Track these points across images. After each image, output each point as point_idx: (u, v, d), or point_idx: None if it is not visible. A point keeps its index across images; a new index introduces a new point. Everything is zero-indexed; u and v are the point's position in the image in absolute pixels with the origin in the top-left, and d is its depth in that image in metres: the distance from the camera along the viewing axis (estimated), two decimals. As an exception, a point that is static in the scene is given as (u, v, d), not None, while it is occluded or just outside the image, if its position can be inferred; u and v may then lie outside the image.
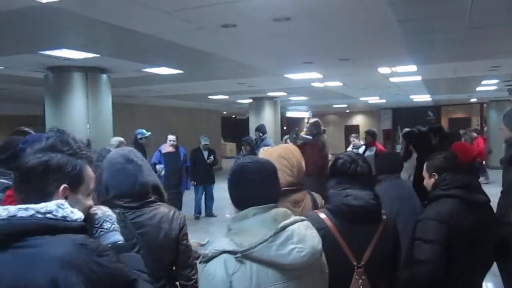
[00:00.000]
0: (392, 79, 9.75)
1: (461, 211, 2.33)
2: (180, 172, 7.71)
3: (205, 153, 8.69)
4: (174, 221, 2.15)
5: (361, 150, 7.40)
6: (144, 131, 7.30)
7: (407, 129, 7.00)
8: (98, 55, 6.11)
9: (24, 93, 10.20)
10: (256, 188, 1.60)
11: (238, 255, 1.42)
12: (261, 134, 8.52)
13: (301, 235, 1.50)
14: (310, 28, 4.71)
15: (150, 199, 2.17)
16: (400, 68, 8.04)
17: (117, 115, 14.42)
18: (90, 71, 7.05)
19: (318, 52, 6.17)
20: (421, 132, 5.75)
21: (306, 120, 28.04)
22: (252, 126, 13.98)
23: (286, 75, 8.58)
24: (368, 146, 7.61)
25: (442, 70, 8.69)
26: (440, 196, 2.43)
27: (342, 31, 5.00)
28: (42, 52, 5.78)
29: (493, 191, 3.59)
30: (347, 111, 25.41)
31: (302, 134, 14.27)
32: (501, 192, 3.44)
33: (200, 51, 5.88)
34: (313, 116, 26.16)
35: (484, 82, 10.92)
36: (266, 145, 8.17)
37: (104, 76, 7.35)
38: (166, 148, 7.72)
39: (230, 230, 1.56)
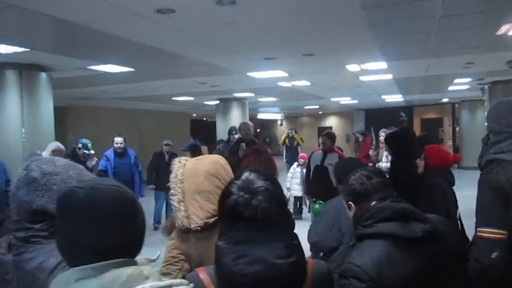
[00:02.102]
0: (363, 78, 9.26)
1: (395, 257, 1.61)
2: (132, 178, 7.01)
3: (167, 157, 8.02)
4: (56, 272, 1.51)
5: (317, 158, 5.98)
6: (87, 144, 6.56)
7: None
8: (28, 49, 5.36)
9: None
10: (85, 232, 0.99)
11: None
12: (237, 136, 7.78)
13: None
14: (261, 14, 4.09)
15: (39, 232, 1.53)
16: (369, 66, 7.52)
17: (77, 118, 13.75)
18: (25, 69, 6.26)
19: (278, 46, 5.56)
20: (392, 133, 5.23)
21: (279, 122, 27.64)
22: (220, 128, 13.36)
23: (249, 74, 7.96)
24: (327, 152, 5.89)
25: (414, 68, 8.23)
26: (363, 236, 1.72)
27: (299, 20, 4.40)
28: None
29: (465, 193, 3.06)
30: (320, 112, 25.04)
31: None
32: None
33: (145, 45, 5.21)
34: (285, 117, 25.70)
35: (456, 81, 10.57)
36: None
37: (43, 74, 6.56)
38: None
39: None
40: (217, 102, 13.57)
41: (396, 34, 5.05)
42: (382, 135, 6.95)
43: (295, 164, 8.76)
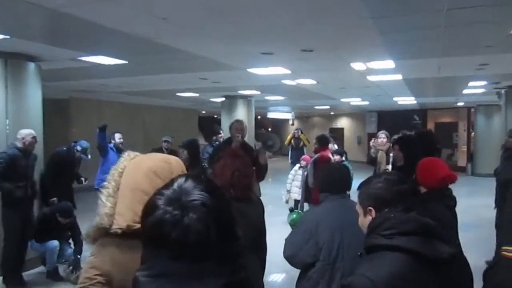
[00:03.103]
0: (370, 78, 8.82)
1: (412, 276, 1.40)
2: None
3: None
4: None
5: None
6: (87, 149, 6.39)
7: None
8: (8, 37, 5.08)
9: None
10: None
11: None
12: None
13: None
14: (251, 1, 3.73)
15: None
16: (376, 64, 7.09)
17: (81, 110, 13.56)
18: (11, 58, 5.99)
19: (273, 39, 5.18)
20: (408, 135, 4.89)
21: (290, 122, 27.21)
22: (224, 126, 13.03)
23: (250, 70, 7.60)
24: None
25: (425, 68, 7.78)
26: (379, 247, 1.48)
27: (293, 9, 4.03)
28: None
29: (478, 202, 2.63)
30: (332, 113, 24.58)
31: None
32: None
33: (131, 35, 4.88)
34: (296, 118, 25.28)
35: (471, 83, 10.05)
36: None
37: (31, 64, 6.28)
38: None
39: None
40: (223, 99, 13.27)
41: (400, 28, 4.64)
42: (382, 136, 6.53)
43: (297, 166, 8.38)
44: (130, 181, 1.42)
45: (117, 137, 7.16)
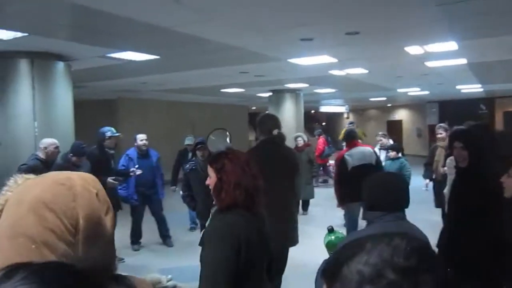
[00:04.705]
0: (429, 63, 7.85)
1: None
2: (154, 181, 6.27)
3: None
4: None
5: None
6: (113, 129, 5.81)
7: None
8: (26, 34, 4.77)
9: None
10: None
11: None
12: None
13: None
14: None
15: None
16: (435, 47, 6.17)
17: (127, 110, 13.48)
18: (38, 58, 5.72)
19: (311, 21, 4.49)
20: (471, 127, 4.13)
21: (345, 115, 26.14)
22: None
23: (291, 60, 6.94)
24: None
25: (494, 49, 6.72)
26: None
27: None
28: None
29: None
30: (388, 105, 23.24)
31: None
32: None
33: (160, 28, 4.43)
34: (350, 111, 24.20)
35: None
36: None
37: (60, 64, 6.00)
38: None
39: None
40: (270, 94, 12.70)
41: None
42: (440, 132, 5.66)
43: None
44: (9, 222, 0.85)
45: (139, 138, 6.22)
